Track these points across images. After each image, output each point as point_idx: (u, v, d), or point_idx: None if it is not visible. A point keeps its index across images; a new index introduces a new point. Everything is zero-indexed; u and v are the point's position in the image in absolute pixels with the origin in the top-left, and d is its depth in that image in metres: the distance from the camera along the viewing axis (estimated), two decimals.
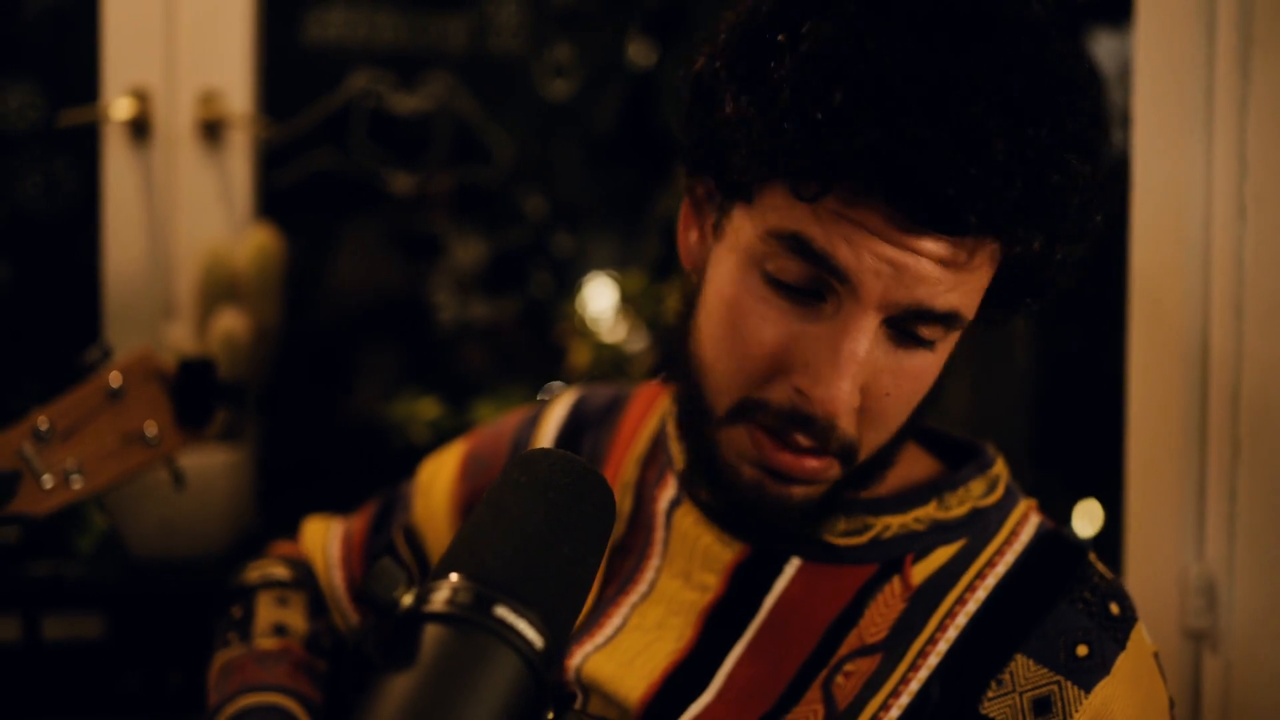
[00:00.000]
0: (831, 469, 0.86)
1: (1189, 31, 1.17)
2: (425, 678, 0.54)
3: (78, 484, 1.18)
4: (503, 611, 0.56)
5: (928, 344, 0.84)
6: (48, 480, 1.17)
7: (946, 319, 0.83)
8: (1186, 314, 1.18)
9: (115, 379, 1.20)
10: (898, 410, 0.86)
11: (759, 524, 0.91)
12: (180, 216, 1.90)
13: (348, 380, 2.08)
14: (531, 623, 0.57)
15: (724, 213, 0.87)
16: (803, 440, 0.84)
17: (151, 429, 1.21)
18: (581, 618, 0.97)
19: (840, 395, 0.81)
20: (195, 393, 1.23)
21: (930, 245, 0.79)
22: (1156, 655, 0.91)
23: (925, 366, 0.85)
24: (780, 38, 0.79)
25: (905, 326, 0.83)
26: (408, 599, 0.57)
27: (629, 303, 1.97)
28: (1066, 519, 1.64)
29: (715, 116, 0.83)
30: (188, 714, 1.59)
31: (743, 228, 0.85)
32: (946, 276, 0.80)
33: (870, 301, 0.80)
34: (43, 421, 1.17)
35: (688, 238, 0.94)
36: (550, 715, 0.62)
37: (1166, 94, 1.19)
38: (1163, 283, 1.20)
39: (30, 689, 1.56)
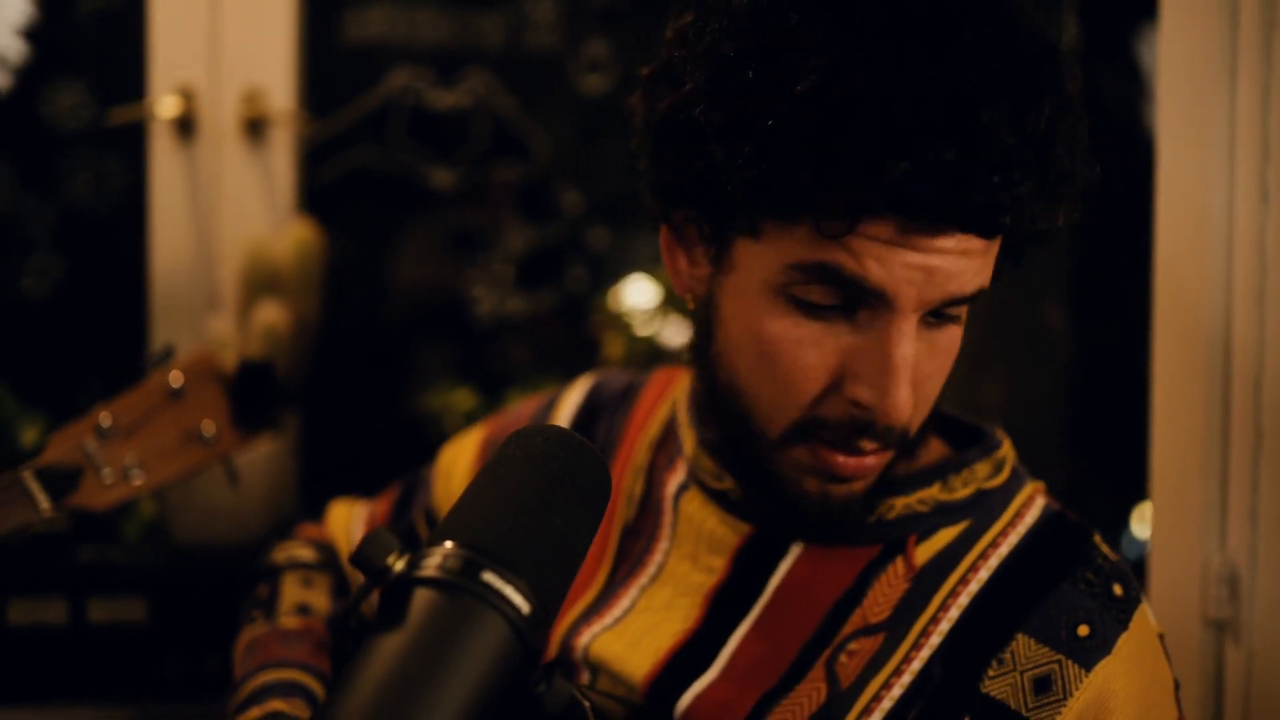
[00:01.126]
0: (887, 459, 0.88)
1: (1212, 19, 1.17)
2: (413, 639, 0.56)
3: (137, 480, 1.22)
4: (490, 577, 0.58)
5: (954, 319, 0.87)
6: (108, 476, 1.20)
7: (974, 298, 0.85)
8: (1209, 303, 1.17)
9: (176, 378, 1.23)
10: (937, 386, 0.89)
11: (804, 520, 0.91)
12: (224, 212, 1.95)
13: (387, 373, 2.12)
14: (519, 589, 0.59)
15: (723, 244, 0.87)
16: (867, 445, 0.86)
17: (210, 428, 1.25)
18: (590, 599, 0.99)
19: (902, 401, 0.83)
20: (253, 394, 1.26)
21: (953, 242, 0.80)
22: (1162, 637, 0.91)
23: (953, 339, 0.88)
24: (766, 78, 0.78)
25: (936, 311, 0.85)
26: (400, 565, 0.60)
27: (666, 297, 1.98)
28: (1106, 512, 1.64)
29: (702, 161, 0.82)
30: (225, 699, 1.63)
31: (754, 260, 0.84)
32: (972, 264, 0.82)
33: (908, 307, 0.82)
34: (105, 418, 1.20)
35: (675, 264, 0.93)
36: (540, 687, 0.64)
37: (1190, 82, 1.19)
38: (1186, 271, 1.20)
39: (76, 670, 1.61)
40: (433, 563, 0.59)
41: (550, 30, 2.10)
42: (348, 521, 1.21)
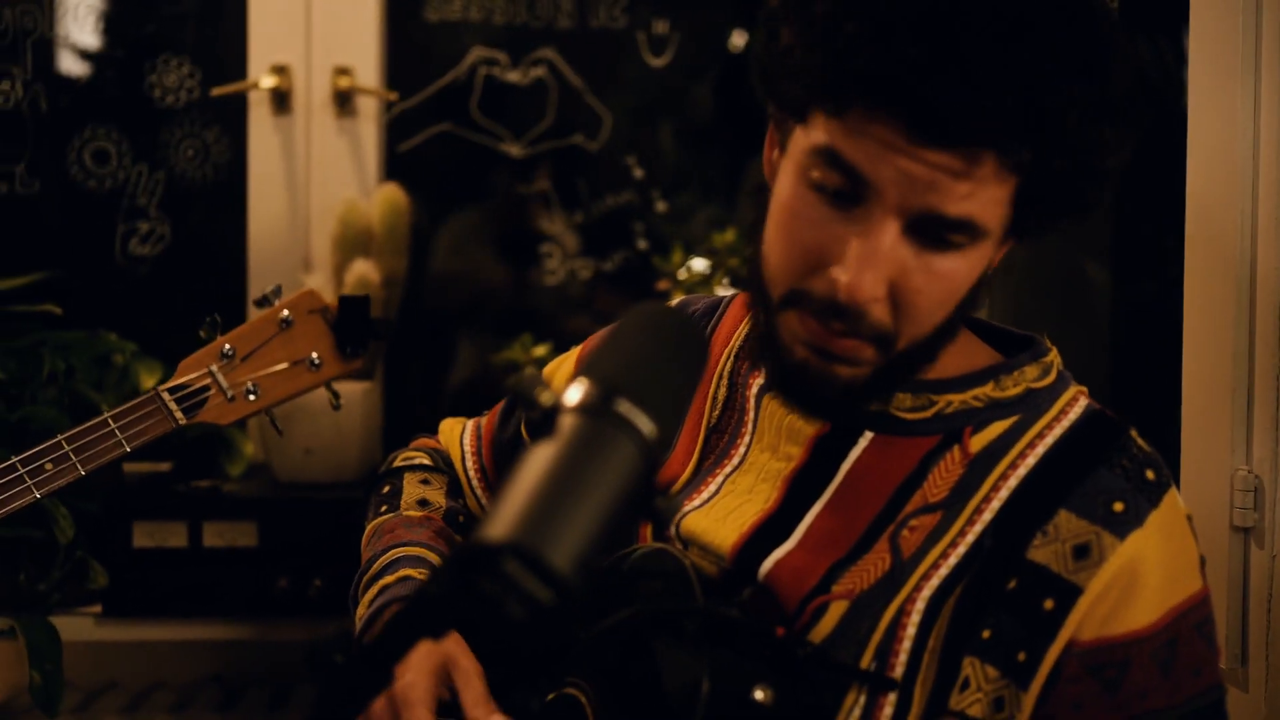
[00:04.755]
0: (865, 351, 0.99)
1: None
2: (563, 451, 0.69)
3: (254, 400, 1.38)
4: (624, 406, 0.71)
5: (954, 246, 0.96)
6: (230, 394, 1.36)
7: (962, 225, 0.94)
8: (1236, 238, 1.29)
9: (285, 311, 1.39)
10: (930, 307, 0.98)
11: (825, 403, 1.04)
12: (315, 179, 2.10)
13: (464, 327, 2.26)
14: (646, 416, 0.72)
15: (787, 132, 1.02)
16: (837, 325, 0.98)
17: (315, 356, 1.40)
18: (680, 486, 1.12)
19: (863, 284, 0.94)
20: (352, 325, 1.41)
21: (935, 157, 0.91)
22: (1189, 518, 1.02)
23: (955, 269, 0.97)
24: None
25: (930, 231, 0.95)
26: (547, 397, 0.73)
27: (723, 257, 2.10)
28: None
29: (775, 47, 0.98)
30: (328, 615, 1.78)
31: (797, 144, 0.99)
32: (957, 186, 0.92)
33: (890, 205, 0.93)
34: (227, 346, 1.37)
35: (770, 155, 1.08)
36: (659, 500, 0.76)
37: (1218, 42, 1.30)
38: (1215, 210, 1.31)
39: (193, 588, 1.76)
40: (575, 395, 0.72)
41: (616, 10, 2.23)
42: (459, 433, 1.35)
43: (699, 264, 2.11)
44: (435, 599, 0.71)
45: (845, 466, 1.05)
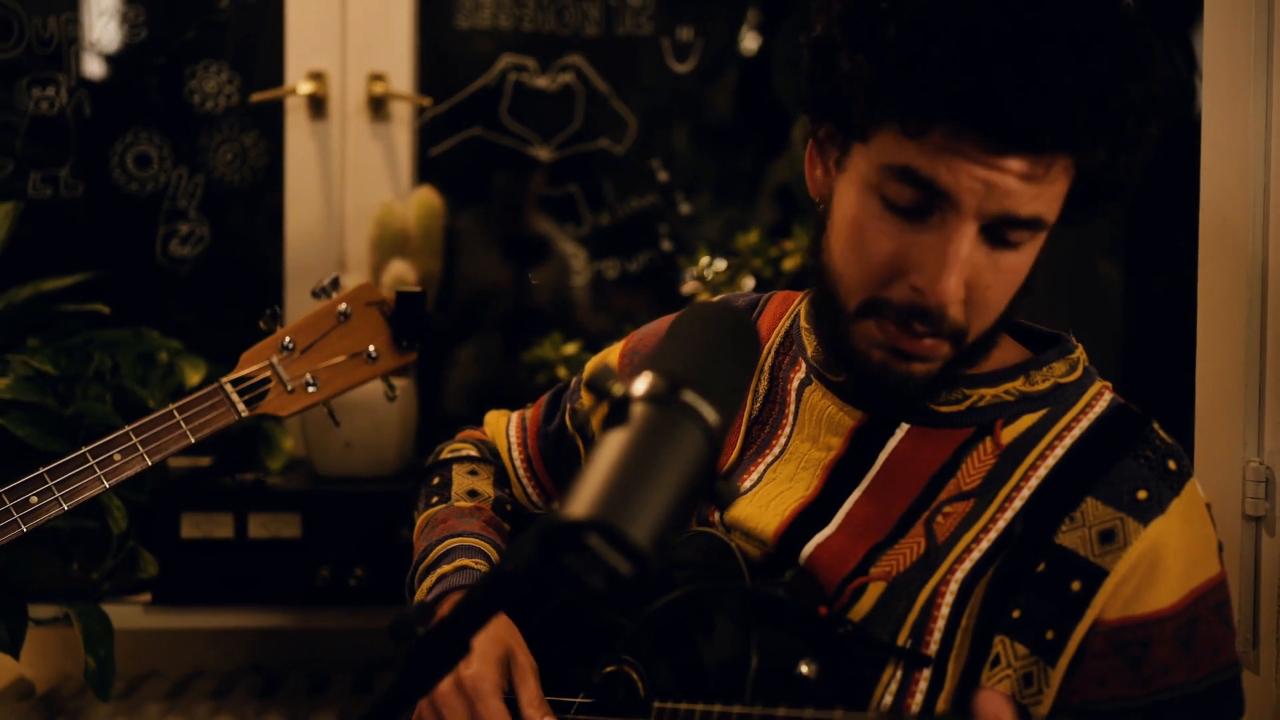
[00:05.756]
0: (942, 348, 1.06)
1: (1251, 4, 1.34)
2: (634, 436, 0.75)
3: (313, 392, 1.43)
4: (689, 396, 0.77)
5: (1018, 244, 1.03)
6: (291, 386, 1.41)
7: (1032, 223, 1.02)
8: (1248, 239, 1.34)
9: (343, 304, 1.44)
10: (997, 300, 1.06)
11: (884, 397, 1.10)
12: (350, 182, 2.17)
13: (496, 327, 2.33)
14: (710, 405, 0.77)
15: (844, 151, 1.07)
16: (920, 328, 1.04)
17: (372, 349, 1.45)
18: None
19: (949, 288, 1.01)
20: (408, 319, 1.46)
21: (1014, 164, 0.98)
22: (1209, 506, 1.08)
23: (1018, 263, 1.05)
24: (886, 5, 0.99)
25: (998, 232, 1.02)
26: (618, 388, 0.79)
27: (745, 258, 2.16)
28: None
29: (834, 72, 1.03)
30: (367, 605, 1.84)
31: (861, 162, 1.05)
32: (1029, 189, 0.99)
33: (969, 213, 1.00)
34: (287, 339, 1.42)
35: (814, 174, 1.14)
36: (720, 483, 0.82)
37: (1231, 48, 1.36)
38: (1228, 211, 1.37)
39: (238, 577, 1.82)
40: (644, 385, 0.78)
41: (641, 17, 2.29)
42: (504, 425, 1.41)
43: (720, 264, 2.17)
44: (512, 576, 0.77)
45: (883, 456, 1.11)
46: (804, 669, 1.00)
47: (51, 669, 2.10)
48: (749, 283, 2.12)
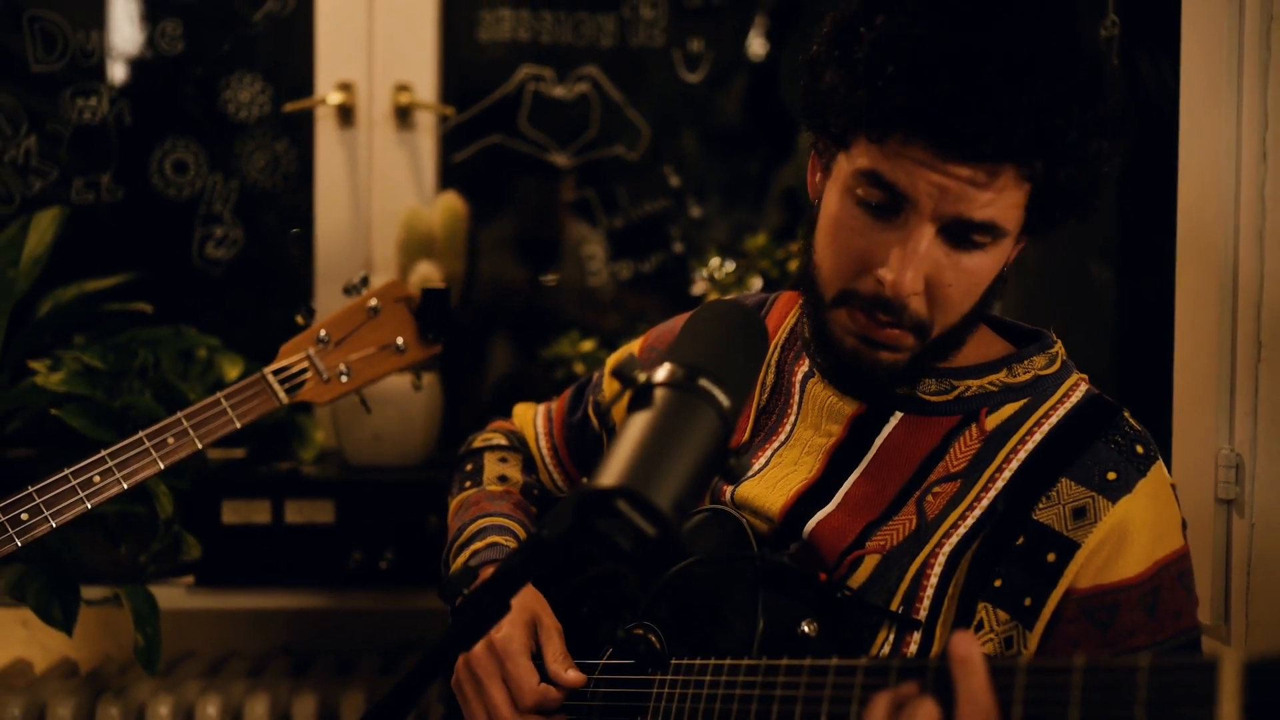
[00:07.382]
0: (907, 339, 1.16)
1: (1223, 18, 1.44)
2: (656, 416, 0.86)
3: (346, 381, 1.55)
4: (705, 382, 0.88)
5: (979, 246, 1.13)
6: (326, 376, 1.53)
7: (986, 227, 1.12)
8: (1222, 245, 1.45)
9: (373, 300, 1.56)
10: (959, 297, 1.16)
11: (857, 381, 1.22)
12: (377, 188, 2.28)
13: (516, 326, 2.44)
14: (723, 391, 0.88)
15: (832, 158, 1.19)
16: (883, 317, 1.15)
17: (400, 341, 1.57)
18: None
19: (906, 281, 1.12)
20: (433, 314, 1.57)
21: (962, 170, 1.08)
22: (1174, 487, 1.19)
23: (980, 265, 1.15)
24: (861, 29, 1.11)
25: (958, 234, 1.12)
26: (643, 376, 0.90)
27: (752, 260, 2.27)
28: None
29: (819, 86, 1.15)
30: (397, 587, 1.94)
31: (842, 167, 1.16)
32: (981, 194, 1.10)
33: (926, 214, 1.11)
34: (323, 332, 1.54)
35: (813, 178, 1.25)
36: (732, 460, 0.92)
37: (1205, 65, 1.47)
38: (1204, 220, 1.47)
39: (276, 560, 1.93)
40: (664, 373, 0.89)
41: (654, 29, 2.40)
42: (532, 416, 1.52)
43: (729, 265, 2.27)
44: (548, 542, 0.88)
45: (878, 442, 1.22)
46: (806, 628, 1.12)
47: (94, 650, 2.21)
48: (757, 283, 2.23)
